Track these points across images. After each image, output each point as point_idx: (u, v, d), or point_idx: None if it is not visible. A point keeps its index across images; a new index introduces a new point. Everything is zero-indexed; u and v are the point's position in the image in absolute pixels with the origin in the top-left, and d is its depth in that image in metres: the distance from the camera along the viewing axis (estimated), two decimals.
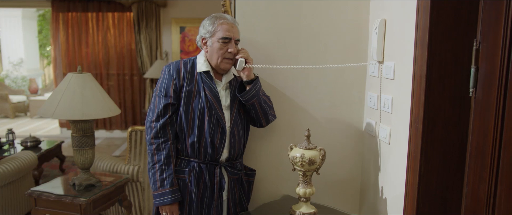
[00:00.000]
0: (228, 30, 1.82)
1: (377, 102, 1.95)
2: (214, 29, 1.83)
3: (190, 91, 1.85)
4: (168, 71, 1.87)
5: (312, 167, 1.79)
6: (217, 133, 1.86)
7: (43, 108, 2.53)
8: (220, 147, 1.89)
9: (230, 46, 1.83)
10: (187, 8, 6.74)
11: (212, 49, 1.85)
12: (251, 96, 1.87)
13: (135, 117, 7.21)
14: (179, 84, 1.85)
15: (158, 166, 1.83)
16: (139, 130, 3.22)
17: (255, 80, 1.88)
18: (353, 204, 2.23)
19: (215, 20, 1.84)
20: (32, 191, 2.63)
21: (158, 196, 1.83)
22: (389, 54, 1.83)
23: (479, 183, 1.27)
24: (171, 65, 1.89)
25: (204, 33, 1.87)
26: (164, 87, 1.85)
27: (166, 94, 1.84)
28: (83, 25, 6.96)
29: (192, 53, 6.77)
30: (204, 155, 1.88)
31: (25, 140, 4.54)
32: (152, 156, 1.86)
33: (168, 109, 1.85)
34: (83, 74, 2.58)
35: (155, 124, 1.84)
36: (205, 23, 1.87)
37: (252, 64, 1.86)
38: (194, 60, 1.91)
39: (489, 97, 1.21)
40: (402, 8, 1.69)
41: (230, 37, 1.82)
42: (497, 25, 1.17)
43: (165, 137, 1.85)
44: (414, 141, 1.53)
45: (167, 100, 1.84)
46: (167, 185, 1.82)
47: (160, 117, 1.84)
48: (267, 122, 1.99)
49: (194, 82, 1.86)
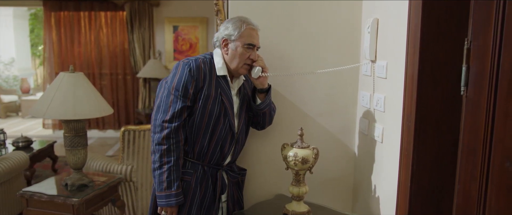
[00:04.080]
0: (254, 37, 1.79)
1: (369, 101, 1.96)
2: (240, 33, 1.76)
3: (209, 95, 1.78)
4: (188, 71, 1.75)
5: (305, 166, 1.79)
6: (227, 138, 1.85)
7: (35, 107, 2.51)
8: (228, 153, 1.88)
9: (252, 53, 1.80)
10: (180, 8, 6.71)
11: (234, 53, 1.79)
12: (265, 105, 1.88)
13: (128, 116, 7.17)
14: (198, 86, 1.76)
15: (167, 168, 1.77)
16: (132, 129, 3.21)
17: (269, 90, 1.88)
18: (346, 203, 2.24)
19: (242, 24, 1.78)
20: (24, 191, 2.60)
21: (164, 197, 1.79)
22: (382, 53, 1.84)
23: (470, 181, 1.28)
24: (191, 63, 1.76)
25: (227, 35, 1.79)
26: (182, 87, 1.75)
27: (184, 95, 1.75)
28: (75, 25, 6.90)
29: (185, 52, 6.75)
30: (210, 159, 1.87)
31: (16, 140, 4.49)
32: (160, 156, 1.77)
33: (184, 111, 1.77)
34: (75, 73, 2.56)
35: (169, 124, 1.75)
36: (229, 25, 1.80)
37: (268, 73, 1.84)
38: (211, 59, 1.83)
39: (480, 96, 1.22)
40: (394, 7, 1.70)
41: (254, 44, 1.80)
42: (487, 24, 1.18)
43: (177, 138, 1.77)
44: (406, 139, 1.54)
45: (185, 103, 1.75)
46: (174, 188, 1.78)
47: (175, 118, 1.76)
48: (268, 125, 2.02)
49: (212, 86, 1.79)
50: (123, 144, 3.22)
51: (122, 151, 3.24)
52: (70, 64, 6.68)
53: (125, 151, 3.22)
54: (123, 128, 3.21)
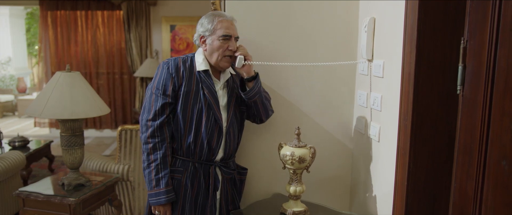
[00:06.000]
0: (228, 28, 1.81)
1: (366, 100, 1.96)
2: (213, 27, 1.80)
3: (189, 91, 1.82)
4: (166, 69, 1.82)
5: (302, 165, 1.79)
6: (214, 133, 1.85)
7: (31, 107, 2.50)
8: (217, 148, 1.88)
9: (230, 43, 1.81)
10: (177, 7, 6.70)
11: (212, 47, 1.82)
12: (254, 93, 1.86)
13: (125, 116, 7.16)
14: (177, 83, 1.81)
15: (154, 165, 1.80)
16: (129, 129, 3.20)
17: (257, 77, 1.87)
18: (343, 202, 2.25)
19: (214, 18, 1.81)
20: (20, 191, 2.59)
21: (153, 196, 1.81)
22: (379, 52, 1.84)
23: (467, 180, 1.28)
24: (169, 62, 1.84)
25: (202, 32, 1.83)
26: (162, 86, 1.81)
27: (164, 92, 1.80)
28: (72, 24, 6.88)
29: (183, 51, 6.74)
30: (200, 155, 1.87)
31: (13, 140, 4.48)
32: (147, 155, 1.82)
33: (166, 108, 1.81)
34: (72, 73, 2.55)
35: (152, 122, 1.81)
36: (203, 21, 1.84)
37: (251, 61, 1.85)
38: (192, 58, 1.88)
39: (476, 95, 1.23)
40: (391, 6, 1.70)
41: (230, 34, 1.81)
42: (483, 23, 1.19)
43: (161, 136, 1.81)
44: (403, 138, 1.55)
45: (165, 100, 1.80)
46: (162, 185, 1.80)
47: (158, 116, 1.81)
48: (267, 117, 2.00)
49: (193, 82, 1.83)
50: (120, 144, 3.21)
51: (119, 150, 3.23)
52: (67, 63, 6.75)
53: (122, 150, 3.22)
54: (120, 127, 3.20)
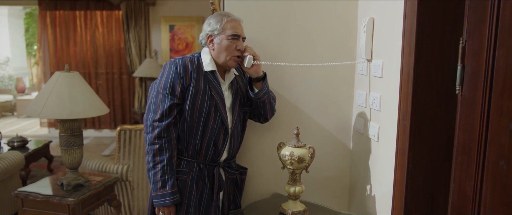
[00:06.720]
0: (237, 28, 1.80)
1: (365, 100, 1.96)
2: (222, 26, 1.79)
3: (197, 91, 1.79)
4: (174, 69, 1.78)
5: (301, 165, 1.79)
6: (220, 134, 1.85)
7: (30, 107, 2.49)
8: (222, 149, 1.88)
9: (238, 43, 1.81)
10: (176, 7, 6.70)
11: (220, 46, 1.81)
12: (264, 93, 1.87)
13: (124, 116, 7.15)
14: (186, 83, 1.78)
15: (160, 167, 1.78)
16: (128, 129, 3.20)
17: (265, 77, 1.87)
18: (342, 202, 2.25)
19: (222, 18, 1.80)
20: (19, 191, 2.59)
21: (159, 197, 1.79)
22: (378, 52, 1.84)
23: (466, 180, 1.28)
24: (177, 62, 1.80)
25: (210, 31, 1.82)
26: (169, 86, 1.78)
27: (172, 93, 1.77)
28: (71, 24, 6.87)
29: (182, 51, 6.74)
30: (205, 156, 1.87)
31: (12, 140, 4.47)
32: (153, 156, 1.79)
33: (173, 109, 1.79)
34: (71, 73, 2.55)
35: (159, 123, 1.77)
36: (211, 20, 1.82)
37: (260, 61, 1.85)
38: (199, 57, 1.85)
39: (475, 95, 1.23)
40: (390, 6, 1.70)
41: (239, 34, 1.80)
42: (482, 23, 1.19)
43: (168, 137, 1.79)
44: (402, 138, 1.55)
45: (173, 100, 1.78)
46: (168, 186, 1.78)
47: (165, 116, 1.78)
48: (271, 116, 2.00)
49: (200, 82, 1.81)
50: (119, 144, 3.21)
51: (118, 150, 3.23)
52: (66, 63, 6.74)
53: (121, 150, 3.21)
54: (119, 128, 3.20)
